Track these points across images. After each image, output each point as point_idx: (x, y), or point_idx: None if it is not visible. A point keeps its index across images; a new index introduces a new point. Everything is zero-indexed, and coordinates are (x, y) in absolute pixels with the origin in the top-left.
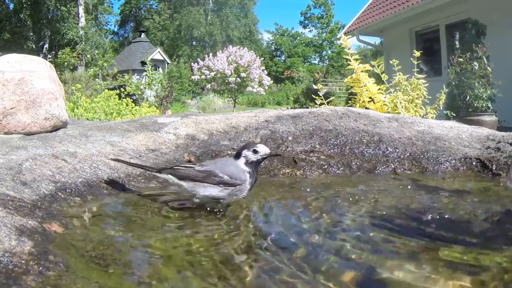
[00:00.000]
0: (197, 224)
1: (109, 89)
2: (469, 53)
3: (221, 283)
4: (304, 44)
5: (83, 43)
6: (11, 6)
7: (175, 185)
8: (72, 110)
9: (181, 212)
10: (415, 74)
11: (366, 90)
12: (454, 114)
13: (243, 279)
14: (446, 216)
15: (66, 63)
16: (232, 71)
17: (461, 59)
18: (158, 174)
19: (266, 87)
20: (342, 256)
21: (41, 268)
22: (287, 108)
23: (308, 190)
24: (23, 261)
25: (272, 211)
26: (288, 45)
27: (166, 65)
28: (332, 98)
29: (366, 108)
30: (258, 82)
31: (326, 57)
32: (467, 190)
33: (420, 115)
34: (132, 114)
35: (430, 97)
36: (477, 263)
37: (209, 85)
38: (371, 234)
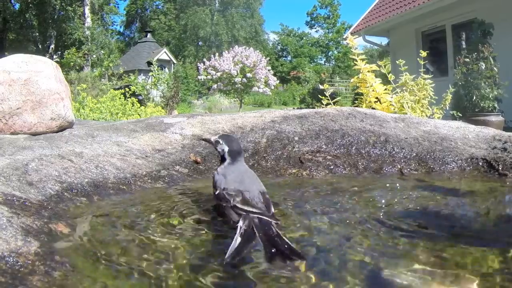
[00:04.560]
0: (203, 224)
1: (115, 89)
2: (475, 54)
3: (229, 284)
4: (310, 44)
5: (89, 43)
6: (17, 6)
7: None
8: (77, 110)
9: (188, 212)
10: (422, 74)
11: (373, 90)
12: (461, 114)
13: (250, 279)
14: (452, 217)
15: (72, 63)
16: (238, 71)
17: (467, 60)
18: None
19: (272, 87)
20: (347, 256)
21: (47, 268)
22: (293, 108)
23: (313, 190)
24: (29, 261)
25: (277, 211)
26: (294, 45)
27: (172, 65)
28: (338, 98)
29: (373, 108)
30: (264, 82)
31: (332, 57)
32: (474, 191)
33: (426, 115)
34: (138, 114)
35: (436, 97)
36: (483, 264)
37: (215, 85)
38: (377, 234)
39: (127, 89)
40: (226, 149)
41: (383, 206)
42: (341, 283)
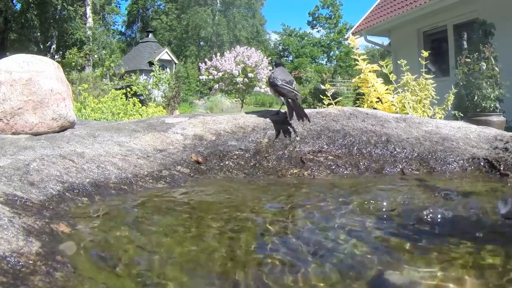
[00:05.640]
0: (204, 224)
1: (116, 89)
2: (476, 54)
3: (228, 284)
4: (312, 45)
5: (91, 43)
6: (18, 6)
7: None
8: (79, 110)
9: (189, 212)
10: (423, 74)
11: (374, 90)
12: (462, 114)
13: (251, 279)
14: (454, 216)
15: (73, 63)
16: (240, 71)
17: (469, 60)
18: None
19: None
20: (349, 257)
21: (48, 268)
22: None
23: (315, 190)
24: (30, 262)
25: (280, 211)
26: (296, 45)
27: (174, 65)
28: (340, 98)
29: (374, 108)
30: (266, 82)
31: (334, 57)
32: (475, 191)
33: (428, 116)
34: (140, 114)
35: (438, 98)
36: (485, 263)
37: (217, 85)
38: (379, 234)
39: (128, 89)
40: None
41: (384, 206)
42: (343, 283)
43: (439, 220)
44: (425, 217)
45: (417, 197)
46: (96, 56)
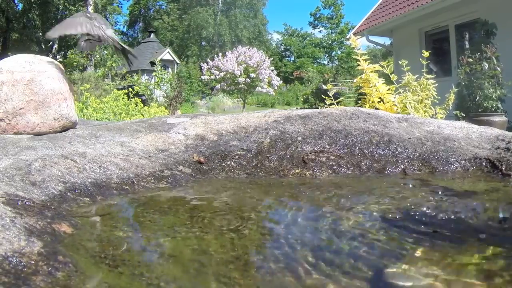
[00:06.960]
0: (206, 224)
1: (118, 89)
2: (478, 54)
3: (230, 284)
4: (313, 45)
5: None
6: (20, 6)
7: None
8: (81, 110)
9: (191, 211)
10: (425, 74)
11: (376, 91)
12: (464, 115)
13: (253, 278)
14: (456, 217)
15: (75, 63)
16: (242, 71)
17: (471, 60)
18: None
19: (276, 88)
20: (349, 257)
21: (50, 268)
22: (297, 108)
23: (316, 190)
24: (32, 262)
25: (281, 211)
26: (298, 45)
27: (176, 65)
28: (341, 98)
29: (376, 108)
30: (268, 83)
31: (335, 57)
32: (477, 191)
33: (429, 116)
34: (141, 114)
35: (439, 97)
36: (486, 264)
37: (219, 85)
38: (379, 234)
39: (130, 89)
40: None
41: (386, 206)
42: (344, 283)
43: (440, 220)
44: (427, 217)
45: (418, 198)
46: (97, 56)
